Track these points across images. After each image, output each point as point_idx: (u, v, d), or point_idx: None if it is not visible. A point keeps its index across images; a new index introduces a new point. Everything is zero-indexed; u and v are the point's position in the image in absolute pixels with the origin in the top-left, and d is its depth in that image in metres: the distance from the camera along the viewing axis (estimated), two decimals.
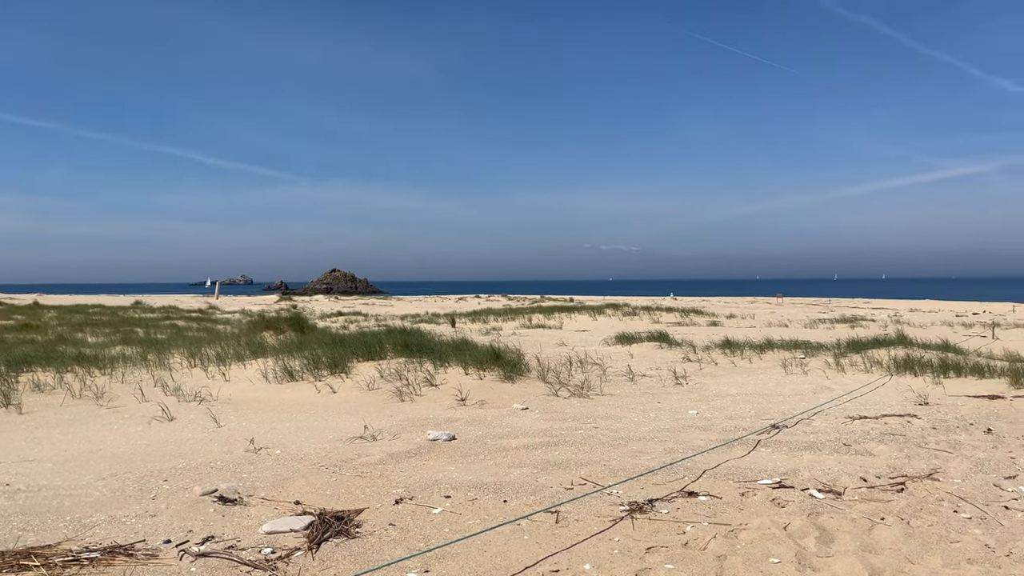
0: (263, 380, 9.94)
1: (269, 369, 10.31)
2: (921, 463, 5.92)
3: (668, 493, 5.04)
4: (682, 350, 13.95)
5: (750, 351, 13.53)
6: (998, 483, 5.47)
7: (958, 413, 7.88)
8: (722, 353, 13.44)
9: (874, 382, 10.05)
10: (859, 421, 7.46)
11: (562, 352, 13.67)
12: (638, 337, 16.03)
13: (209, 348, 12.39)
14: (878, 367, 11.30)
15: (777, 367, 11.64)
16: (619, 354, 13.60)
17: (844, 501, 4.94)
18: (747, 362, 12.38)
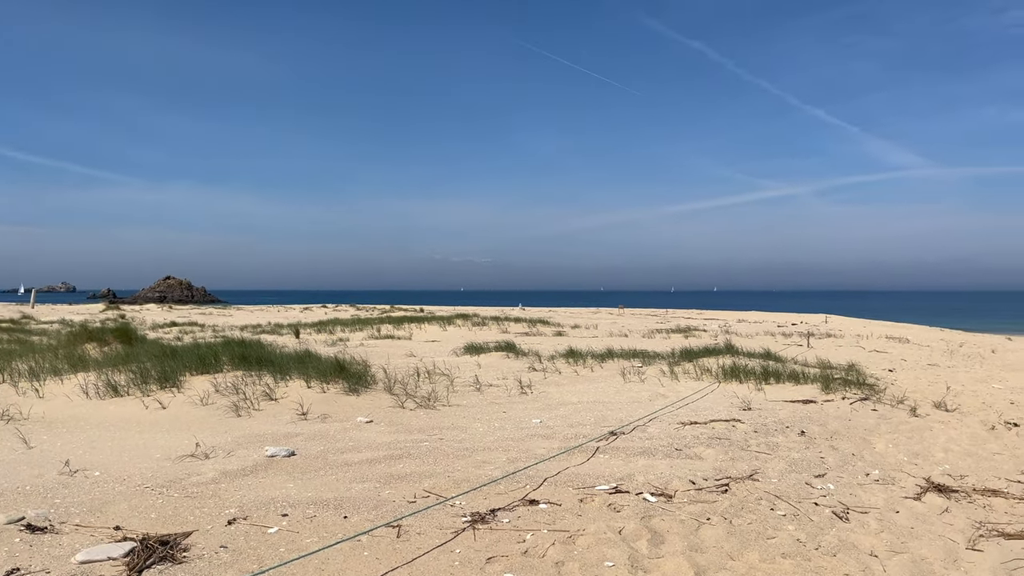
0: (83, 396, 9.20)
1: (90, 384, 9.55)
2: (744, 465, 6.35)
3: (510, 502, 5.11)
4: (528, 360, 14.23)
5: (592, 360, 14.00)
6: (809, 481, 5.96)
7: (777, 417, 8.52)
8: (566, 362, 13.83)
9: (704, 389, 10.68)
10: (690, 426, 7.89)
11: (410, 363, 13.57)
12: (486, 347, 16.20)
13: (20, 362, 11.33)
14: (708, 375, 12.02)
15: (617, 376, 12.11)
16: (467, 364, 13.68)
17: (674, 503, 5.21)
18: (589, 371, 12.80)
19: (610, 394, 10.25)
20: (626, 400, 9.73)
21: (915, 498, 5.66)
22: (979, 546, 4.72)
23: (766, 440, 7.32)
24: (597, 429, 7.72)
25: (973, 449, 7.46)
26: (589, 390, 10.64)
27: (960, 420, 8.90)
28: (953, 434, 8.09)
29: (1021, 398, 11.08)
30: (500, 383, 11.12)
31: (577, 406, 9.24)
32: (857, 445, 7.34)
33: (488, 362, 14.11)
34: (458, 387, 10.62)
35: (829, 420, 8.44)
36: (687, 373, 12.27)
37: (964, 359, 18.51)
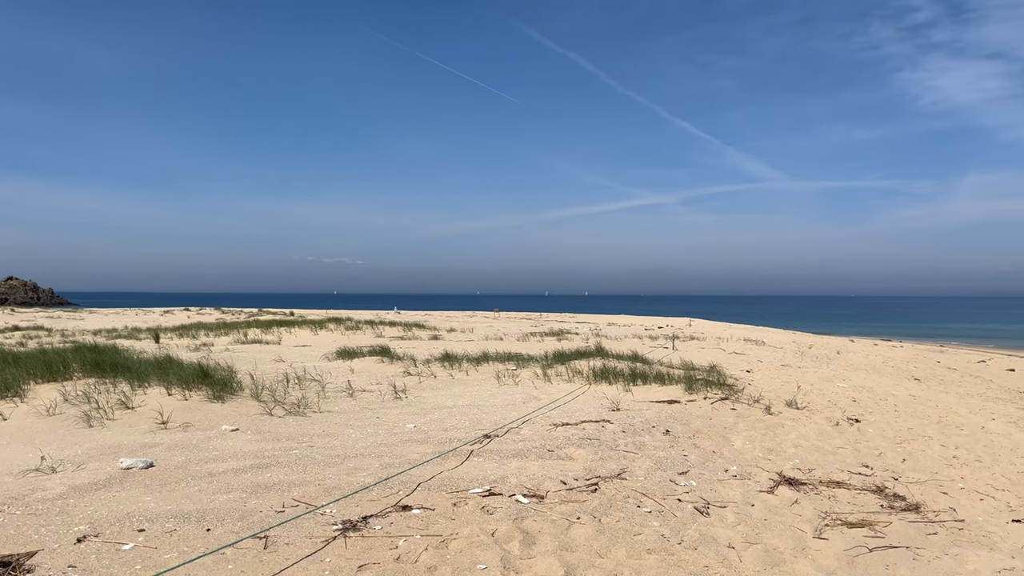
0: None
1: None
2: (612, 464, 6.54)
3: (383, 508, 5.05)
4: (403, 364, 14.10)
5: (467, 364, 14.04)
6: (673, 479, 6.22)
7: (644, 417, 8.84)
8: (441, 366, 13.80)
9: (576, 391, 10.94)
10: (562, 428, 8.06)
11: (279, 368, 13.16)
12: (360, 352, 15.93)
13: None
14: (580, 377, 12.31)
15: (492, 379, 12.21)
16: (340, 369, 13.40)
17: (546, 504, 5.30)
18: (464, 375, 12.83)
19: (485, 397, 10.31)
20: (500, 403, 9.82)
21: (768, 492, 6.02)
22: (825, 535, 5.07)
23: (634, 440, 7.58)
24: (471, 432, 7.75)
25: (820, 444, 8.01)
26: (464, 394, 10.67)
27: (809, 417, 9.54)
28: (803, 430, 8.66)
29: (862, 396, 12.00)
30: (374, 388, 10.97)
31: (452, 410, 9.24)
32: (717, 443, 7.72)
33: (362, 367, 13.88)
34: (330, 393, 10.39)
35: (692, 419, 8.84)
36: (560, 375, 12.53)
37: (813, 360, 19.86)
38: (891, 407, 11.01)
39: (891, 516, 5.57)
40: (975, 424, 10.15)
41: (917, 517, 5.60)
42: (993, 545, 5.16)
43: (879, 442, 8.33)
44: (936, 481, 6.76)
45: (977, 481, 6.91)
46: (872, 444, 8.19)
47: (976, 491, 6.54)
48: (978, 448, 8.42)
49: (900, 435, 8.83)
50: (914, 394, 13.22)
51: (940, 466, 7.39)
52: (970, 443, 8.68)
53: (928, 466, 7.35)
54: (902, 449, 8.05)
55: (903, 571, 4.56)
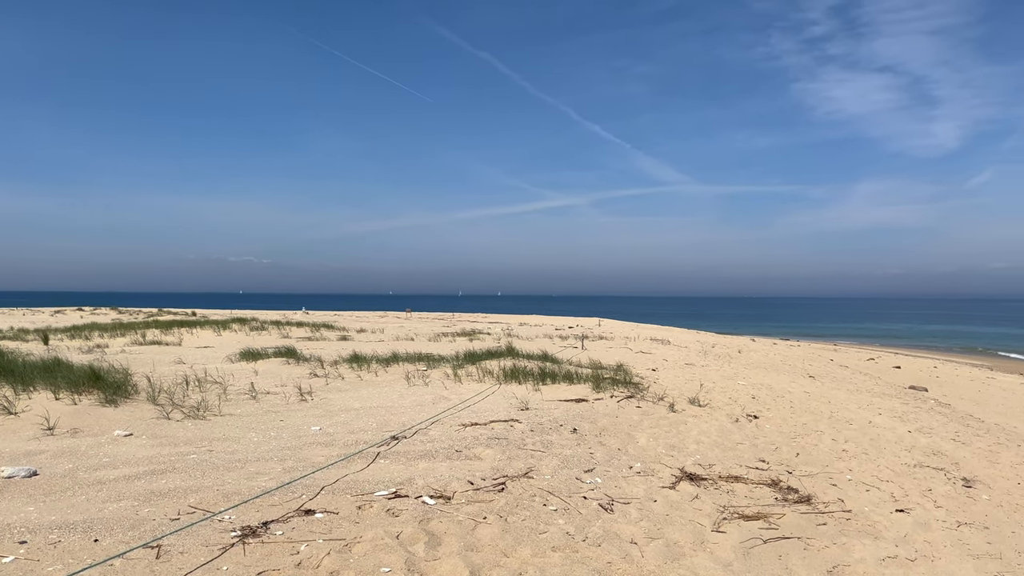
0: None
1: None
2: (520, 463, 6.58)
3: (284, 513, 4.93)
4: (309, 365, 13.81)
5: (377, 365, 13.88)
6: (579, 476, 6.30)
7: (552, 416, 8.94)
8: (350, 367, 13.59)
9: (486, 391, 10.96)
10: (471, 428, 8.06)
11: (179, 370, 12.67)
12: (264, 353, 15.52)
13: None
14: (490, 377, 12.35)
15: (401, 380, 12.10)
16: (243, 371, 13.01)
17: (453, 505, 5.29)
18: (374, 376, 12.67)
19: (394, 398, 10.21)
20: (410, 404, 9.75)
21: (671, 487, 6.18)
22: (723, 528, 5.25)
23: (541, 438, 7.65)
24: (379, 434, 7.65)
25: (720, 440, 8.28)
26: (373, 395, 10.54)
27: (710, 414, 9.85)
28: (704, 427, 8.93)
29: (761, 393, 12.47)
30: (278, 390, 10.70)
31: (359, 412, 9.11)
32: (623, 440, 7.88)
33: (266, 368, 13.52)
34: (232, 395, 10.07)
35: (599, 418, 8.99)
36: (470, 376, 12.53)
37: (716, 359, 20.52)
38: (787, 404, 11.48)
39: (785, 508, 5.81)
40: (863, 419, 10.70)
41: (808, 509, 5.86)
42: (878, 534, 5.45)
43: (775, 437, 8.67)
44: (827, 474, 7.09)
45: (864, 473, 7.28)
46: (769, 439, 8.52)
47: (863, 482, 6.89)
48: (865, 442, 8.87)
49: (795, 430, 9.22)
50: (809, 391, 13.83)
51: (831, 459, 7.76)
52: (858, 437, 9.14)
53: (820, 459, 7.70)
54: (796, 444, 8.41)
55: (794, 561, 4.76)
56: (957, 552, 5.22)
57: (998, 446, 9.92)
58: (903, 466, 7.77)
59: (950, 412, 14.00)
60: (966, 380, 23.59)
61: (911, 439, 9.44)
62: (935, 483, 7.13)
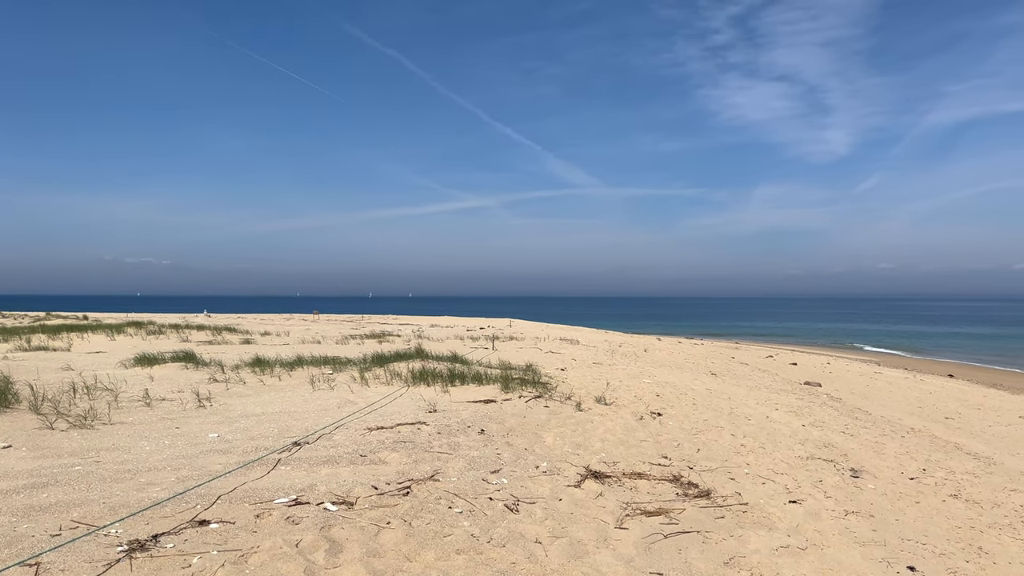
0: None
1: None
2: (426, 466, 6.52)
3: (177, 525, 4.72)
4: (209, 370, 13.33)
5: (280, 369, 13.51)
6: (486, 478, 6.29)
7: (460, 417, 8.90)
8: (252, 372, 13.18)
9: (394, 393, 10.82)
10: (376, 432, 7.94)
11: (67, 377, 12.00)
12: (161, 358, 14.87)
13: None
14: (398, 379, 12.20)
15: (306, 384, 11.82)
16: (138, 377, 12.43)
17: (355, 511, 5.18)
18: (277, 380, 12.33)
19: (297, 403, 9.96)
20: (314, 408, 9.52)
21: (576, 486, 6.24)
22: (625, 524, 5.33)
23: (449, 440, 7.60)
24: (280, 440, 7.44)
25: (625, 438, 8.43)
26: (275, 400, 10.25)
27: (616, 412, 10.02)
28: (610, 425, 9.07)
29: (665, 391, 12.78)
30: (175, 397, 10.27)
31: (261, 417, 8.84)
32: (530, 440, 7.92)
33: (163, 374, 12.96)
34: (124, 403, 9.60)
35: (507, 418, 9.00)
36: (378, 379, 12.35)
37: (622, 358, 20.93)
38: (690, 401, 11.80)
39: (685, 503, 5.95)
40: (761, 414, 11.11)
41: (708, 503, 6.03)
42: (772, 525, 5.65)
43: (678, 434, 8.89)
44: (725, 468, 7.31)
45: (760, 466, 7.55)
46: (672, 436, 8.73)
47: (759, 476, 7.14)
48: (763, 436, 9.21)
49: (696, 426, 9.48)
50: (710, 388, 14.27)
51: (730, 454, 8.01)
52: (756, 432, 9.47)
53: (719, 454, 7.94)
54: (698, 439, 8.65)
55: (693, 554, 4.88)
56: (845, 540, 5.46)
57: (883, 437, 10.47)
58: (797, 459, 8.10)
59: (841, 406, 14.71)
60: (856, 375, 24.85)
61: (805, 433, 9.86)
62: (826, 474, 7.46)
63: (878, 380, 23.44)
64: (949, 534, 5.92)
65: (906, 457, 9.04)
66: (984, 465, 9.43)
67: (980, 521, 6.40)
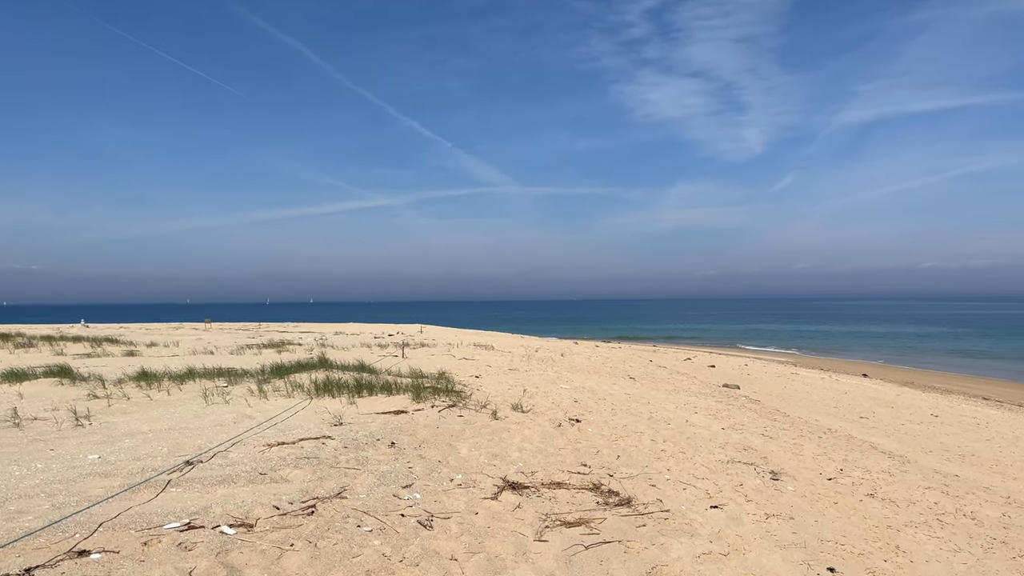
0: None
1: None
2: (332, 483, 6.40)
3: (53, 557, 4.48)
4: (88, 385, 12.73)
5: (169, 382, 13.03)
6: (397, 493, 6.22)
7: (368, 430, 8.78)
8: (137, 386, 12.65)
9: (296, 406, 10.58)
10: (277, 448, 7.75)
11: None
12: (32, 373, 14.11)
13: None
14: (300, 391, 11.95)
15: (198, 398, 11.43)
16: (5, 395, 11.76)
17: (256, 533, 5.04)
18: (165, 395, 11.88)
19: (189, 419, 9.62)
20: (208, 424, 9.22)
21: (492, 498, 6.25)
22: (545, 537, 5.37)
23: (356, 455, 7.49)
24: (170, 460, 7.17)
25: (543, 446, 8.49)
26: (164, 416, 9.87)
27: (533, 420, 10.09)
28: (527, 433, 9.13)
29: (583, 396, 12.95)
30: (49, 415, 9.76)
31: (148, 435, 8.49)
32: (444, 452, 7.88)
33: (34, 391, 12.30)
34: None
35: (419, 429, 8.94)
36: (278, 391, 12.06)
37: (539, 363, 21.11)
38: (609, 406, 12.00)
39: (606, 512, 6.04)
40: (680, 418, 11.39)
41: (629, 511, 6.13)
42: (694, 532, 5.79)
43: (597, 440, 9.02)
44: (646, 475, 7.46)
45: (681, 472, 7.74)
46: (591, 443, 8.85)
47: (680, 481, 7.32)
48: (683, 441, 9.44)
49: (616, 432, 9.64)
50: (629, 392, 14.55)
51: (650, 460, 8.18)
52: (676, 436, 9.71)
53: (640, 460, 8.10)
54: (617, 446, 8.80)
55: (615, 565, 4.95)
56: (766, 544, 5.65)
57: (801, 439, 10.90)
58: (717, 463, 8.34)
59: (759, 408, 15.24)
60: (773, 376, 25.80)
61: (724, 436, 10.16)
62: (746, 478, 7.71)
63: (795, 381, 24.39)
64: (867, 533, 6.20)
65: (824, 458, 9.43)
66: (899, 464, 9.93)
67: (896, 520, 6.73)
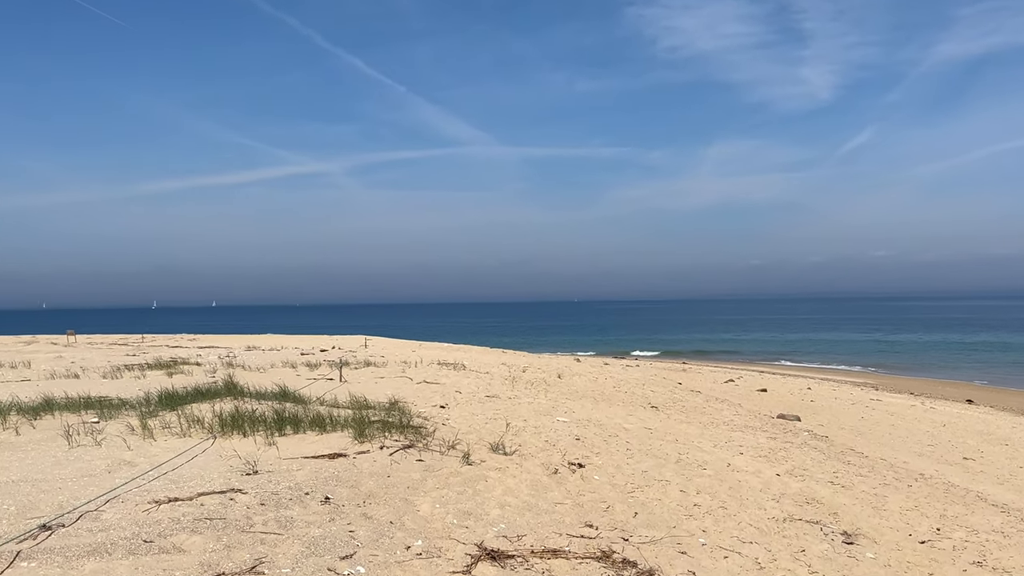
0: None
1: None
2: (244, 553, 6.40)
3: None
4: None
5: (18, 417, 12.98)
6: (333, 567, 6.24)
7: (294, 481, 8.78)
8: None
9: (193, 449, 10.58)
10: (168, 505, 7.73)
11: None
12: None
13: None
14: (200, 427, 11.94)
15: (58, 438, 11.39)
16: None
17: None
18: (13, 434, 11.84)
19: (46, 467, 9.59)
20: (72, 474, 9.20)
21: (465, 572, 6.26)
22: None
23: (277, 515, 7.49)
24: (20, 523, 7.15)
25: (533, 501, 8.52)
26: (11, 464, 9.83)
27: (520, 465, 10.13)
28: (511, 483, 9.16)
29: (588, 432, 13.01)
30: None
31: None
32: (397, 509, 7.90)
33: None
34: None
35: (363, 479, 8.95)
36: (168, 428, 12.05)
37: (528, 388, 21.19)
38: (622, 445, 12.06)
39: None
40: (720, 461, 11.47)
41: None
42: None
43: (607, 492, 9.07)
44: (674, 538, 7.51)
45: (721, 534, 7.79)
46: (599, 495, 8.89)
47: (720, 547, 7.37)
48: (723, 491, 9.51)
49: (633, 481, 9.70)
50: (651, 427, 14.63)
51: (679, 518, 8.23)
52: (714, 485, 9.77)
53: (665, 519, 8.15)
54: (634, 499, 8.85)
55: None
56: None
57: (885, 488, 11.00)
58: (770, 521, 8.40)
59: (827, 447, 15.38)
60: (846, 404, 26.03)
61: (780, 485, 10.24)
62: (809, 541, 7.77)
63: (876, 410, 24.63)
64: None
65: (915, 513, 9.53)
66: (1016, 521, 10.05)
67: None
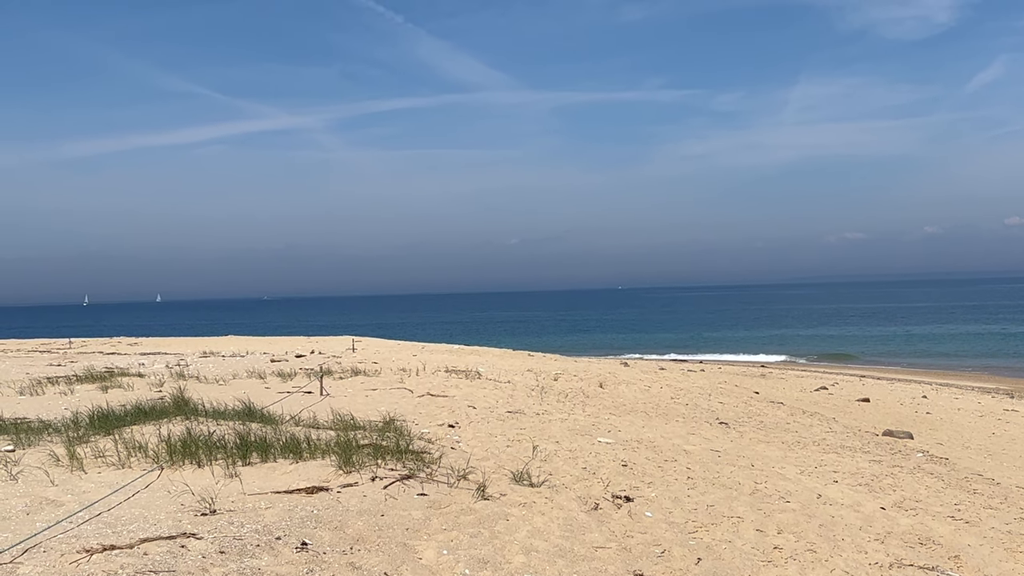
0: None
1: None
2: None
3: None
4: None
5: None
6: None
7: (261, 522, 8.81)
8: None
9: (134, 483, 10.62)
10: (102, 555, 7.78)
11: None
12: None
13: None
14: (142, 456, 11.98)
15: None
16: None
17: None
18: None
19: None
20: None
21: None
22: None
23: (241, 566, 7.52)
24: None
25: (568, 545, 8.52)
26: None
27: (550, 499, 10.12)
28: (540, 522, 9.16)
29: (636, 456, 12.99)
30: None
31: None
32: (393, 557, 7.91)
33: None
34: None
35: (350, 518, 8.97)
36: (103, 456, 12.12)
37: (560, 400, 21.16)
38: (682, 472, 12.03)
39: None
40: (808, 491, 11.42)
41: None
42: None
43: (662, 532, 9.05)
44: None
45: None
46: (651, 536, 8.88)
47: None
48: (812, 530, 9.47)
49: (695, 518, 9.67)
50: (719, 448, 14.58)
51: (755, 564, 8.21)
52: (800, 523, 9.73)
53: (737, 566, 8.13)
54: (698, 541, 8.83)
55: None
56: None
57: (1021, 524, 10.92)
58: (874, 567, 8.36)
59: (947, 472, 15.28)
60: (971, 416, 25.87)
61: (886, 521, 10.18)
62: None
63: (1012, 423, 24.47)
64: None
65: None
66: None
67: None
